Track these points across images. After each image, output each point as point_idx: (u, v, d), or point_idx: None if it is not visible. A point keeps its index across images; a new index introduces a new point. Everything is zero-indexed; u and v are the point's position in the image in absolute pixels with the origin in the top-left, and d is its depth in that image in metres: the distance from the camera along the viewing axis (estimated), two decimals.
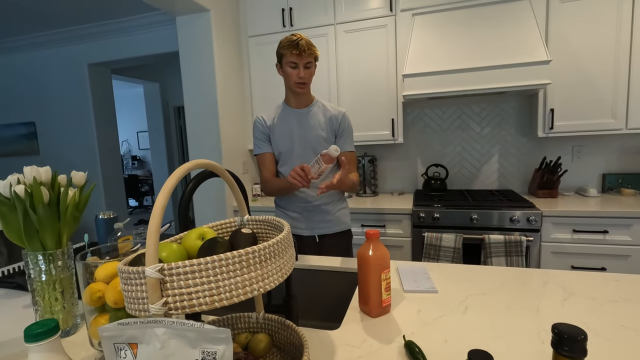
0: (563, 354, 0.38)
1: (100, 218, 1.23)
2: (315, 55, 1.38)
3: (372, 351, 0.69)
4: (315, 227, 1.49)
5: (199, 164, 0.54)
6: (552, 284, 0.95)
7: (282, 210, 1.55)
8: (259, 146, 1.48)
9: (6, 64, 3.80)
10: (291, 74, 1.37)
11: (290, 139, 1.45)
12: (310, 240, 1.50)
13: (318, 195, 1.44)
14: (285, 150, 1.45)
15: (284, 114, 1.47)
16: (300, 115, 1.46)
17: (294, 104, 1.47)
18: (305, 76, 1.37)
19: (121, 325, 0.41)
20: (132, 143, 7.14)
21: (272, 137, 1.47)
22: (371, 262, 0.81)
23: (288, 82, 1.40)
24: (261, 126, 1.48)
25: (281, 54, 1.37)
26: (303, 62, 1.35)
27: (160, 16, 3.08)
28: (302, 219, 1.49)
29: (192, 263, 0.44)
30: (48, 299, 0.78)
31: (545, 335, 0.71)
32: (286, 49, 1.34)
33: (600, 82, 1.95)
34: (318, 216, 1.49)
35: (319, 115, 1.46)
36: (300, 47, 1.32)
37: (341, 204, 1.55)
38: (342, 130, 1.47)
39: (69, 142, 3.71)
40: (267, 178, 1.47)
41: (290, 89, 1.43)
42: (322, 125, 1.45)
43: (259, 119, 1.49)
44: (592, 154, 2.25)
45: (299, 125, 1.45)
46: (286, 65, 1.37)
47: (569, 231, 1.84)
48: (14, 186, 0.72)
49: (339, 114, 1.47)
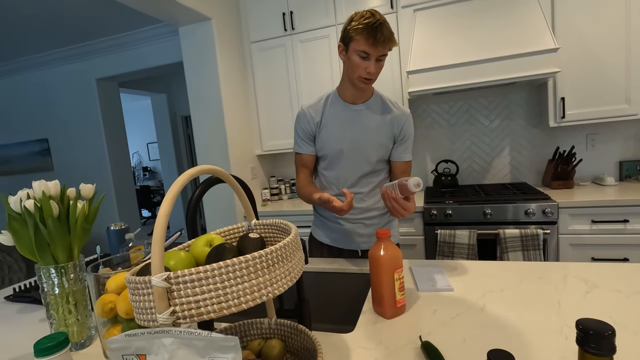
0: (590, 351, 0.36)
1: (111, 229, 1.24)
2: (392, 47, 1.09)
3: (389, 353, 0.68)
4: (359, 242, 1.29)
5: (202, 169, 0.53)
6: (573, 277, 0.91)
7: (321, 218, 1.34)
8: (300, 145, 1.25)
9: (18, 83, 3.90)
10: (359, 65, 1.08)
11: (341, 140, 1.20)
12: (352, 255, 1.31)
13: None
14: (333, 154, 1.22)
15: (335, 109, 1.22)
16: (355, 113, 1.21)
17: (349, 97, 1.21)
18: (375, 71, 1.10)
19: (129, 337, 0.40)
20: (142, 154, 7.25)
21: (319, 136, 1.22)
22: (383, 262, 0.80)
23: (351, 72, 1.12)
24: (306, 122, 1.23)
25: (351, 36, 1.07)
26: (377, 53, 1.06)
27: (163, 28, 3.13)
28: (344, 231, 1.29)
29: (199, 270, 0.43)
30: (62, 311, 0.78)
31: (568, 331, 0.69)
32: (360, 34, 1.04)
33: (611, 67, 1.89)
34: (362, 229, 1.28)
35: (378, 114, 1.21)
36: (379, 35, 1.03)
37: (388, 218, 1.33)
38: (403, 136, 1.22)
39: (81, 157, 3.78)
40: (302, 184, 1.25)
41: (351, 80, 1.15)
42: (380, 126, 1.20)
43: (305, 112, 1.23)
44: (607, 141, 2.19)
45: (353, 124, 1.20)
46: (354, 53, 1.08)
47: (587, 222, 1.78)
48: (24, 201, 0.73)
49: (403, 115, 1.22)
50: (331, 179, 1.26)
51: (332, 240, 1.33)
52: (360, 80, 1.12)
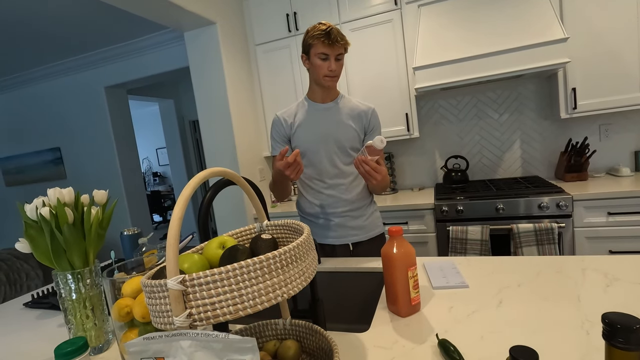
0: (618, 346, 0.35)
1: (125, 234, 1.25)
2: (347, 46, 1.26)
3: (405, 352, 0.67)
4: (349, 235, 1.36)
5: (213, 172, 0.53)
6: (592, 271, 0.89)
7: (308, 218, 1.42)
8: (276, 148, 1.37)
9: (30, 95, 3.98)
10: (321, 66, 1.24)
11: (316, 136, 1.32)
12: (344, 250, 1.38)
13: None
14: (311, 149, 1.33)
15: (307, 110, 1.35)
16: (326, 111, 1.34)
17: (319, 98, 1.35)
18: (336, 69, 1.25)
19: (147, 340, 0.41)
20: (152, 160, 7.34)
21: (295, 136, 1.34)
22: (396, 260, 0.79)
23: (316, 75, 1.28)
24: (280, 126, 1.36)
25: (309, 44, 1.24)
26: (335, 53, 1.22)
27: (169, 34, 3.16)
28: (333, 227, 1.36)
29: (213, 272, 0.43)
30: (80, 317, 0.79)
31: (590, 326, 0.67)
32: (316, 39, 1.21)
33: (624, 55, 1.85)
34: (351, 222, 1.36)
35: (347, 110, 1.34)
36: (332, 36, 1.19)
37: (373, 207, 1.43)
38: (372, 127, 1.35)
39: (92, 164, 3.85)
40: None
41: (317, 82, 1.30)
42: (349, 118, 1.33)
43: (279, 118, 1.37)
44: (621, 131, 2.14)
45: (326, 120, 1.33)
46: (315, 57, 1.24)
47: (604, 214, 1.74)
48: (40, 209, 0.74)
49: (369, 110, 1.35)
50: (312, 174, 1.36)
51: (323, 238, 1.38)
52: (325, 79, 1.26)
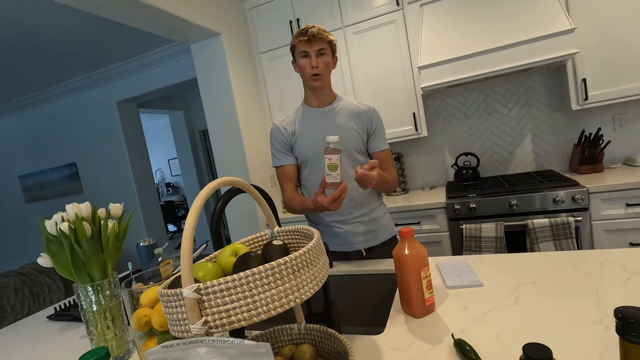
0: (632, 340, 0.35)
1: (141, 245, 1.28)
2: (329, 40, 1.23)
3: (421, 353, 0.67)
4: (361, 241, 1.32)
5: (223, 182, 0.54)
6: (610, 265, 0.88)
7: (318, 227, 1.37)
8: (278, 157, 1.32)
9: (46, 112, 4.11)
10: (305, 65, 1.22)
11: (317, 142, 1.26)
12: (357, 255, 1.33)
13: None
14: (313, 156, 1.28)
15: (305, 116, 1.32)
16: (324, 115, 1.30)
17: (315, 102, 1.32)
18: (319, 65, 1.21)
19: (165, 348, 0.42)
20: (164, 171, 7.47)
21: (296, 144, 1.30)
22: (408, 261, 0.79)
23: (303, 76, 1.26)
24: (280, 135, 1.31)
25: (292, 46, 1.25)
26: (314, 48, 1.20)
27: (176, 47, 3.22)
28: (344, 234, 1.31)
29: (227, 280, 0.45)
30: (101, 327, 0.81)
31: (609, 322, 0.66)
32: (295, 39, 1.22)
33: (633, 42, 1.81)
34: (360, 228, 1.31)
35: (346, 112, 1.30)
36: (309, 32, 1.18)
37: (383, 210, 1.38)
38: (374, 128, 1.31)
39: (107, 178, 3.94)
40: (290, 195, 1.29)
41: (307, 84, 1.29)
42: (350, 120, 1.28)
43: (278, 127, 1.33)
44: (636, 120, 2.09)
45: (325, 124, 1.28)
46: (298, 57, 1.24)
47: (622, 206, 1.70)
48: (59, 224, 0.77)
49: (369, 110, 1.31)
50: (317, 183, 1.29)
51: (334, 246, 1.34)
52: (311, 78, 1.23)
